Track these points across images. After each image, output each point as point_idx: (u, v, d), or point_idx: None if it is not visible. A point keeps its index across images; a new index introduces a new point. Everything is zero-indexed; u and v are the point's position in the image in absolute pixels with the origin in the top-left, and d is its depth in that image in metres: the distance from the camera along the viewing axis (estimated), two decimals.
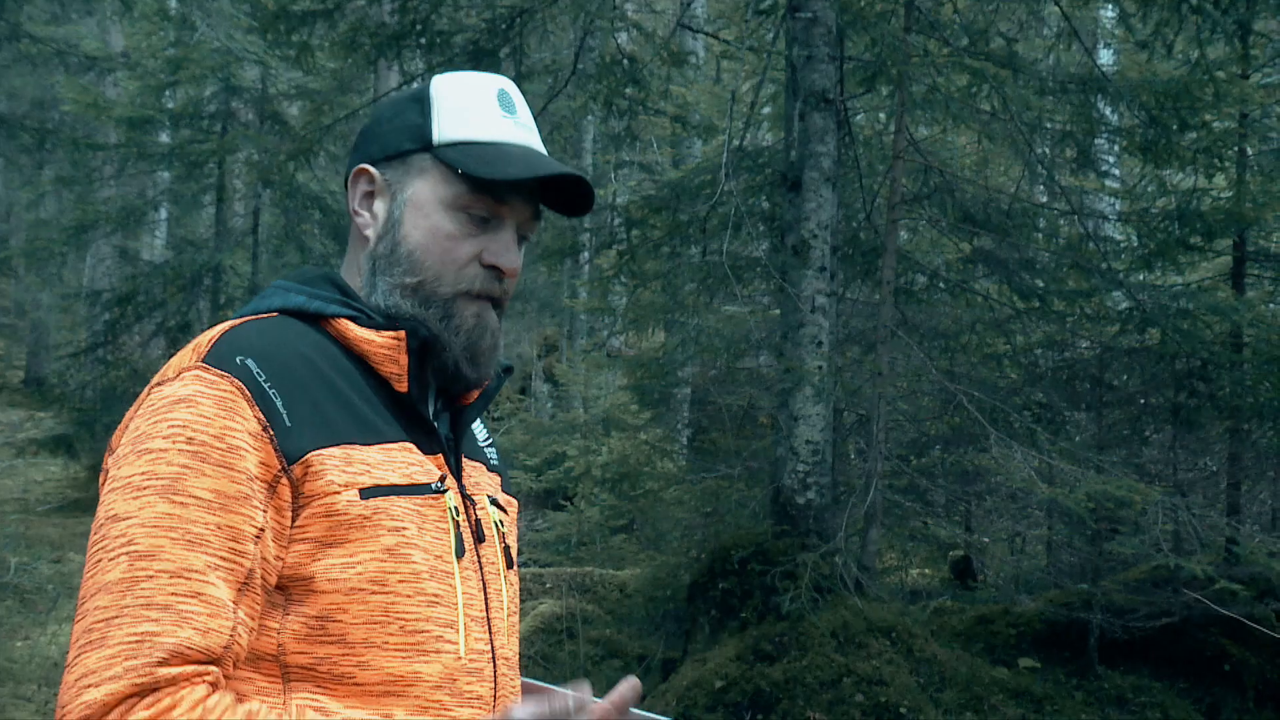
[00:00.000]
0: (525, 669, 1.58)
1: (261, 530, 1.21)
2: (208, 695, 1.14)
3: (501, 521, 1.48)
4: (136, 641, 1.12)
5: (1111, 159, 9.01)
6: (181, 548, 1.16)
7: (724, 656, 6.09)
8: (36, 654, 6.76)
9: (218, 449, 1.19)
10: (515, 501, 1.58)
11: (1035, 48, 8.80)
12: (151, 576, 1.14)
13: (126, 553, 1.15)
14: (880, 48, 6.37)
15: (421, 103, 1.42)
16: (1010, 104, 6.71)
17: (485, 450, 1.56)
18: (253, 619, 1.21)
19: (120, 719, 1.10)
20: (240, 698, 1.18)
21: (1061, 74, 7.12)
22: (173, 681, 1.12)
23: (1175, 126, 6.63)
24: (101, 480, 1.28)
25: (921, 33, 6.86)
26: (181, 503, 1.17)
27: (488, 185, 1.37)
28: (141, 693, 1.11)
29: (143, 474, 1.19)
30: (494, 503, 1.48)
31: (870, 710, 5.68)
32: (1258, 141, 7.39)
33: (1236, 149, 7.07)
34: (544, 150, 1.45)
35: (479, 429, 1.58)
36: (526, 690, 1.49)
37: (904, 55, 6.32)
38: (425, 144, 1.39)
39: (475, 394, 1.47)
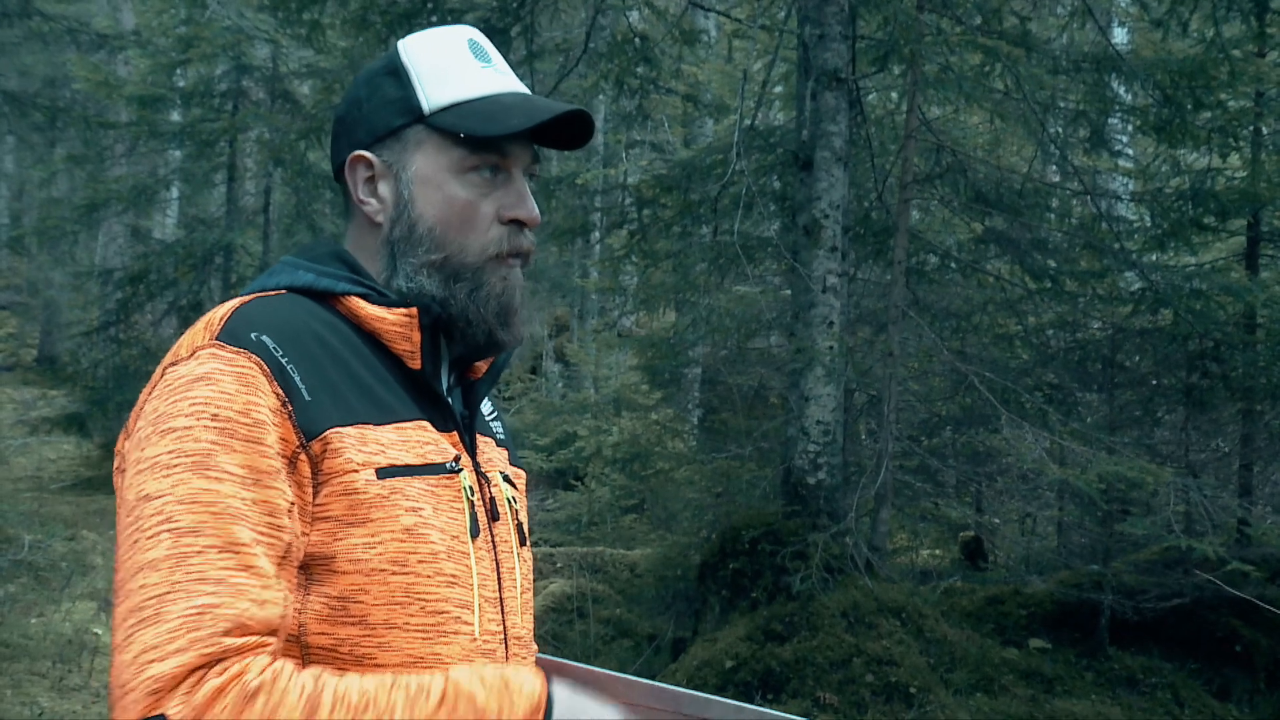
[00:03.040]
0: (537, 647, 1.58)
1: (293, 504, 1.20)
2: (272, 663, 1.13)
3: (514, 498, 1.47)
4: (197, 614, 1.10)
5: (1125, 138, 8.96)
6: (224, 522, 1.14)
7: (734, 636, 6.11)
8: (51, 631, 6.81)
9: (244, 424, 1.18)
10: (523, 473, 1.57)
11: (1049, 26, 8.74)
12: (199, 551, 1.12)
13: (168, 530, 1.13)
14: (893, 26, 6.34)
15: (397, 74, 1.38)
16: (1023, 83, 6.66)
17: (491, 424, 1.54)
18: (291, 593, 1.20)
19: (192, 690, 1.08)
20: (298, 666, 1.18)
21: (1075, 53, 7.08)
22: (239, 651, 1.11)
23: (1190, 106, 6.58)
24: (117, 465, 1.26)
25: (934, 11, 6.81)
26: (216, 478, 1.15)
27: (491, 142, 1.35)
28: (209, 664, 1.09)
29: (170, 452, 1.16)
30: (505, 478, 1.47)
31: (880, 690, 5.70)
32: (1273, 120, 7.33)
33: (1252, 128, 7.02)
34: (529, 90, 1.43)
35: (484, 403, 1.56)
36: (542, 668, 1.49)
37: (916, 34, 6.28)
38: (416, 115, 1.36)
39: (484, 367, 1.46)
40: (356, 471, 1.23)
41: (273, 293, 1.33)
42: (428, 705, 1.15)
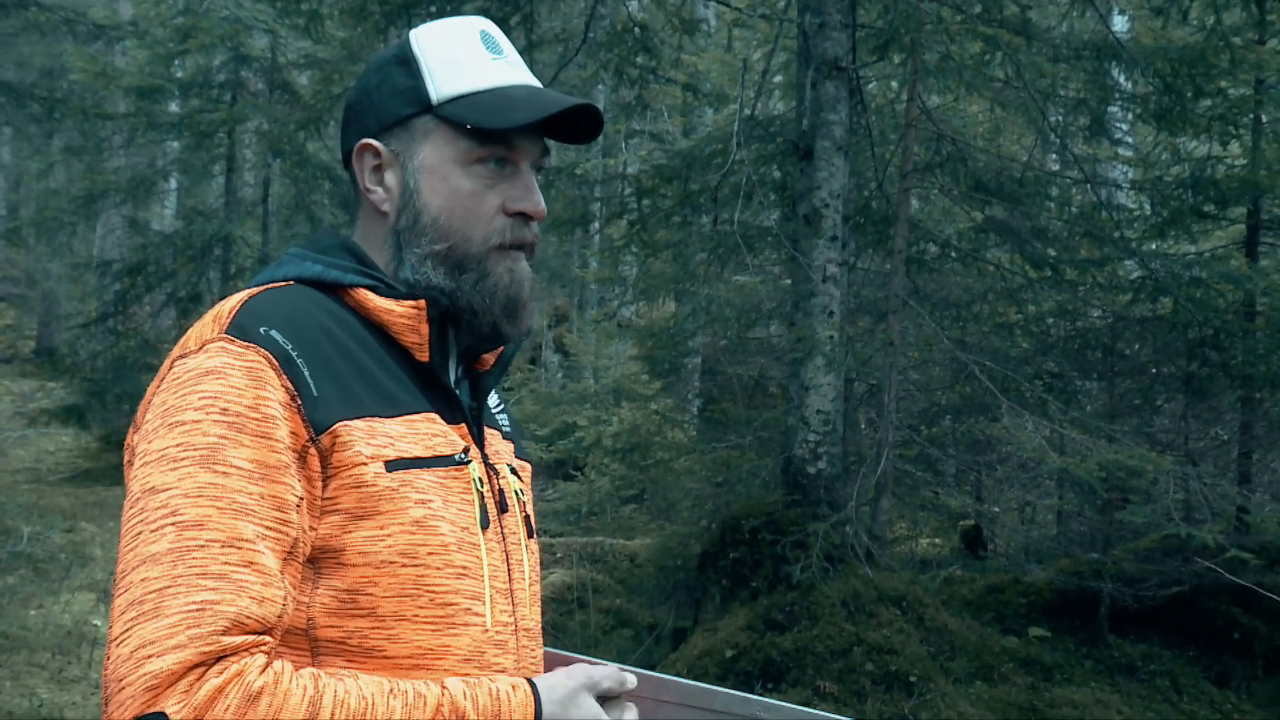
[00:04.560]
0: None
1: (301, 499, 1.20)
2: (269, 663, 1.13)
3: (521, 490, 1.47)
4: (197, 610, 1.09)
5: (1125, 126, 8.95)
6: (229, 517, 1.14)
7: (735, 626, 6.11)
8: (50, 622, 6.82)
9: (253, 419, 1.18)
10: (529, 465, 1.57)
11: (1049, 14, 8.72)
12: (202, 546, 1.12)
13: (172, 523, 1.13)
14: (893, 15, 6.32)
15: (408, 63, 1.38)
16: (1023, 71, 6.65)
17: (498, 417, 1.54)
18: (295, 589, 1.20)
19: (191, 689, 1.07)
20: (297, 665, 1.17)
21: (1075, 41, 7.05)
22: (236, 650, 1.10)
23: (1190, 93, 6.57)
24: (127, 459, 1.25)
25: (934, 0, 6.80)
26: (224, 472, 1.15)
27: (497, 134, 1.34)
28: (207, 662, 1.08)
29: (178, 445, 1.16)
30: (512, 471, 1.47)
31: (880, 679, 5.70)
32: (1273, 108, 7.31)
33: (1252, 116, 7.01)
34: (539, 84, 1.42)
35: (490, 395, 1.55)
36: (549, 660, 1.49)
37: (917, 22, 6.27)
38: (424, 105, 1.36)
39: (491, 359, 1.46)
40: (365, 464, 1.23)
41: (281, 284, 1.33)
42: (424, 716, 1.16)
